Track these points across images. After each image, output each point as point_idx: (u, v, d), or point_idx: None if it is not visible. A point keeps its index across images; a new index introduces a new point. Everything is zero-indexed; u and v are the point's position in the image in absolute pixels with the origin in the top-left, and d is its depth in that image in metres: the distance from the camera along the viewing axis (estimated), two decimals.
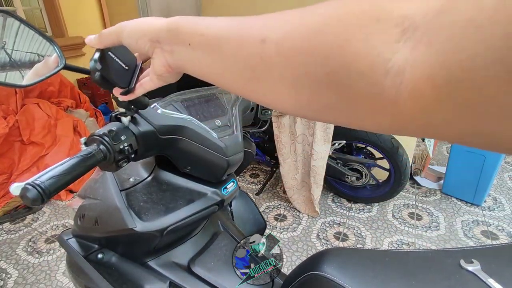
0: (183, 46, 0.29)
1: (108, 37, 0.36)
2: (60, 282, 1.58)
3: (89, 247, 0.65)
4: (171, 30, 0.30)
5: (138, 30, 0.33)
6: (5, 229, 1.97)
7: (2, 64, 0.40)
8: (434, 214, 1.99)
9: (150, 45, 0.32)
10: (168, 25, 0.31)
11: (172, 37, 0.30)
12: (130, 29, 0.34)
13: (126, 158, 0.47)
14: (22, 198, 0.34)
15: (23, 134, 2.23)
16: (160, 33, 0.31)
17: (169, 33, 0.30)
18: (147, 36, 0.32)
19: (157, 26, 0.31)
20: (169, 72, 0.33)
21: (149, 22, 0.32)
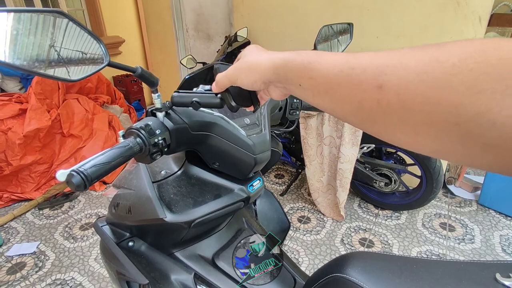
0: (294, 86, 0.32)
1: (224, 84, 0.41)
2: (92, 267, 1.67)
3: (121, 234, 0.69)
4: (279, 73, 0.33)
5: (250, 77, 0.36)
6: (45, 214, 2.12)
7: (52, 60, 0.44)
8: (468, 226, 1.88)
9: (264, 86, 0.37)
10: (275, 67, 0.33)
11: (282, 79, 0.33)
12: (243, 77, 0.37)
13: (160, 151, 0.49)
14: (67, 184, 0.37)
15: (64, 127, 2.39)
16: (269, 76, 0.34)
17: (278, 76, 0.33)
18: (259, 81, 0.36)
19: (266, 68, 0.34)
20: (286, 96, 0.39)
21: (257, 65, 0.35)
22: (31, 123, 2.17)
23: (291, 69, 0.31)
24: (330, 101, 0.28)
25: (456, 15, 1.77)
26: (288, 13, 2.34)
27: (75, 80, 0.43)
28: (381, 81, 0.23)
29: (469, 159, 0.21)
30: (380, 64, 0.24)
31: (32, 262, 1.71)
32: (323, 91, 0.28)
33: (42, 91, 2.32)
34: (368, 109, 0.25)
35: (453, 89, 0.19)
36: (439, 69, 0.20)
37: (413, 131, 0.23)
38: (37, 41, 0.42)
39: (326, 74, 0.28)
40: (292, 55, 0.31)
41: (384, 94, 0.23)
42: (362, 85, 0.25)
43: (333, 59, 0.28)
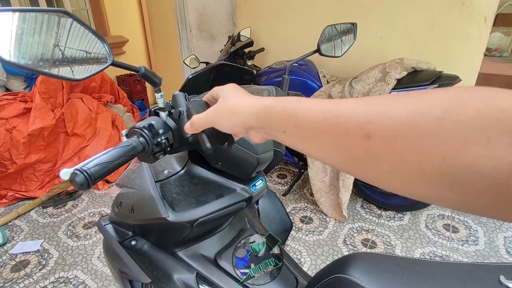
0: (277, 132, 0.31)
1: (201, 127, 0.40)
2: (95, 265, 1.68)
3: (124, 233, 0.69)
4: (261, 120, 0.32)
5: (230, 121, 0.36)
6: (48, 213, 2.14)
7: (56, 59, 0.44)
8: (472, 227, 1.87)
9: (244, 131, 0.36)
10: (256, 114, 0.33)
11: (264, 126, 0.32)
12: (222, 121, 0.36)
13: (163, 151, 0.49)
14: (71, 182, 0.38)
15: (68, 126, 2.41)
16: (251, 122, 0.33)
17: (260, 122, 0.33)
18: (239, 126, 0.35)
19: (246, 113, 0.34)
20: (266, 140, 0.37)
21: (236, 109, 0.35)
22: (36, 122, 2.19)
23: (274, 116, 0.31)
24: (317, 148, 0.28)
25: (461, 15, 1.76)
26: (292, 13, 2.34)
27: (79, 79, 0.43)
28: (367, 130, 0.23)
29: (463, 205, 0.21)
30: (364, 112, 0.24)
31: (36, 260, 1.73)
32: (309, 138, 0.28)
33: (46, 90, 2.34)
34: (357, 157, 0.25)
35: (440, 140, 0.20)
36: (424, 120, 0.21)
37: (406, 179, 0.23)
38: (42, 40, 0.42)
39: (311, 122, 0.27)
40: (274, 102, 0.31)
41: (372, 143, 0.23)
42: (348, 133, 0.25)
43: (317, 105, 0.28)
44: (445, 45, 1.86)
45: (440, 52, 1.89)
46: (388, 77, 1.64)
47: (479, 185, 0.19)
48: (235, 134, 0.43)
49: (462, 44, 1.82)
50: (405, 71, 1.64)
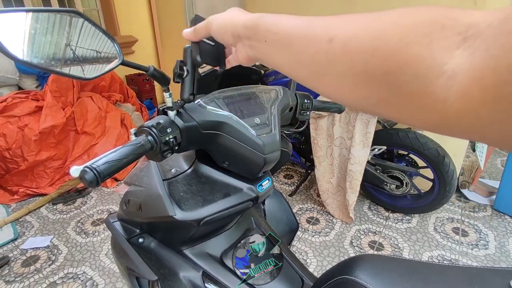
0: (260, 43, 0.34)
1: (201, 31, 0.43)
2: (102, 262, 1.70)
3: (131, 231, 0.70)
4: (249, 27, 0.35)
5: (223, 26, 0.39)
6: (58, 209, 2.18)
7: (68, 59, 0.45)
8: (482, 231, 1.83)
9: (232, 40, 0.38)
10: (246, 22, 0.36)
11: (251, 34, 0.35)
12: (217, 24, 0.40)
13: (171, 150, 0.50)
14: (80, 179, 0.38)
15: (78, 124, 2.45)
16: (240, 29, 0.36)
17: (247, 30, 0.35)
18: (229, 31, 0.38)
19: (238, 22, 0.37)
20: (249, 62, 0.40)
21: (231, 18, 0.38)
22: (47, 120, 2.23)
23: (261, 25, 0.34)
24: (289, 54, 0.31)
25: None
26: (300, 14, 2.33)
27: (89, 79, 0.44)
28: (332, 35, 0.26)
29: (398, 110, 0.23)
30: (333, 21, 0.27)
31: (46, 256, 1.76)
32: (285, 44, 0.31)
33: (57, 89, 2.38)
34: (318, 61, 0.27)
35: (387, 40, 0.22)
36: (379, 23, 0.23)
37: (353, 81, 0.25)
38: (54, 40, 0.43)
39: (289, 30, 0.30)
40: (265, 14, 0.35)
41: (332, 46, 0.26)
42: (316, 37, 0.27)
43: (298, 19, 0.31)
44: None
45: None
46: None
47: (412, 85, 0.21)
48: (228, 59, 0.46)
49: None
50: None
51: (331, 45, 0.26)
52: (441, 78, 0.19)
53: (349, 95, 0.27)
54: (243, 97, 0.67)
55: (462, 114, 0.19)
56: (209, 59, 0.46)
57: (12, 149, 2.17)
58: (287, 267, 0.71)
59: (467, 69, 0.18)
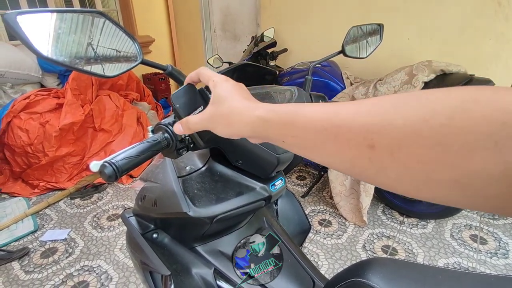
0: (277, 143, 0.31)
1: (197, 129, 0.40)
2: (117, 256, 1.75)
3: (146, 226, 0.72)
4: (259, 132, 0.32)
5: (228, 130, 0.35)
6: (76, 204, 2.24)
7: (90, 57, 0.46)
8: (502, 240, 1.77)
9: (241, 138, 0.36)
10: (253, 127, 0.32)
11: (262, 136, 0.32)
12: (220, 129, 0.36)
13: (186, 147, 0.51)
14: (100, 174, 0.40)
15: (96, 121, 2.51)
16: (248, 133, 0.33)
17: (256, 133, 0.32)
18: (235, 136, 0.35)
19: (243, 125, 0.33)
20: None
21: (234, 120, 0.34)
22: (67, 117, 2.30)
23: (271, 129, 0.30)
24: (319, 156, 0.28)
25: (496, 16, 1.67)
26: (316, 14, 2.32)
27: (110, 76, 0.45)
28: (371, 141, 0.23)
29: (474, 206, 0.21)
30: (366, 122, 0.23)
31: (63, 248, 1.82)
32: (310, 147, 0.28)
33: (77, 87, 2.46)
34: (361, 166, 0.24)
35: (446, 149, 0.19)
36: (428, 130, 0.20)
37: (413, 186, 0.22)
38: (77, 39, 0.45)
39: (310, 132, 0.27)
40: (270, 115, 0.30)
41: (376, 153, 0.23)
42: (350, 144, 0.24)
43: (315, 115, 0.27)
44: (478, 47, 1.78)
45: (472, 55, 1.80)
46: (415, 80, 1.58)
47: (490, 189, 0.18)
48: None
49: (496, 46, 1.73)
50: (433, 74, 1.58)
51: (374, 152, 0.23)
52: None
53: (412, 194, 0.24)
54: (258, 97, 0.67)
55: None
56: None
57: (34, 145, 2.25)
58: (298, 267, 0.71)
59: None
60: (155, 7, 4.00)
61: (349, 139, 0.24)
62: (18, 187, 2.35)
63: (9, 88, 2.48)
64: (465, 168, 0.19)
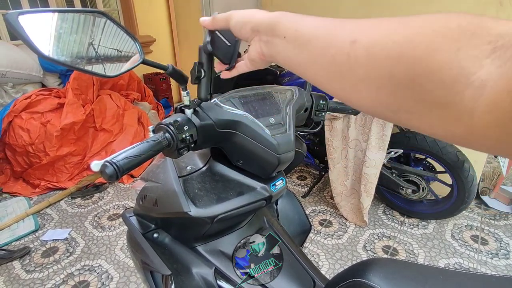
0: (278, 38, 0.34)
1: (220, 22, 0.42)
2: (117, 256, 1.75)
3: (147, 226, 0.72)
4: (271, 23, 0.35)
5: (244, 19, 0.38)
6: (77, 203, 2.25)
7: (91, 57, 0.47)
8: (503, 240, 1.77)
9: (251, 33, 0.38)
10: (269, 19, 0.35)
11: (271, 30, 0.35)
12: (238, 17, 0.39)
13: (187, 147, 0.51)
14: (101, 173, 0.40)
15: (97, 121, 2.52)
16: (261, 24, 0.36)
17: (269, 26, 0.35)
18: (249, 25, 0.37)
19: (260, 18, 0.36)
20: (261, 59, 0.39)
21: (253, 14, 0.38)
22: (68, 116, 2.30)
23: (282, 22, 0.33)
24: (307, 53, 0.30)
25: (498, 16, 1.67)
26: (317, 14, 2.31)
27: (112, 76, 0.46)
28: (354, 37, 0.25)
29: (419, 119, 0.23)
30: (357, 24, 0.27)
31: (64, 248, 1.82)
32: (304, 42, 0.30)
33: (78, 87, 2.46)
34: (339, 62, 0.27)
35: (414, 46, 0.21)
36: (406, 28, 0.23)
37: (375, 85, 0.24)
38: (78, 39, 0.45)
39: (310, 28, 0.30)
40: (287, 13, 0.34)
41: (354, 48, 0.25)
42: (338, 38, 0.27)
43: (320, 19, 0.31)
44: None
45: None
46: None
47: (438, 93, 0.20)
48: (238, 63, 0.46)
49: None
50: None
51: (353, 47, 0.25)
52: (469, 88, 0.18)
53: (368, 101, 0.26)
54: (259, 97, 0.67)
55: (489, 127, 0.18)
56: (220, 53, 0.46)
57: (35, 144, 2.25)
58: (299, 268, 0.71)
59: (497, 79, 0.17)
60: (156, 7, 4.00)
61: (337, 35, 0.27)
62: (19, 187, 2.36)
63: (10, 87, 2.48)
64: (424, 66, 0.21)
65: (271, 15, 0.35)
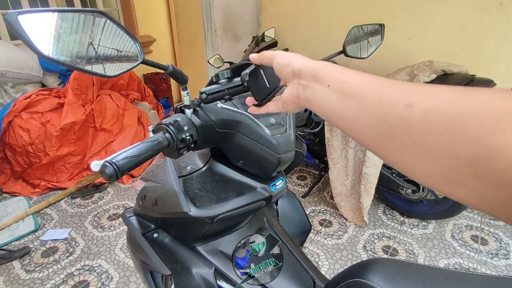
0: (321, 85, 0.33)
1: (265, 58, 0.42)
2: (117, 256, 1.75)
3: (147, 226, 0.72)
4: (314, 70, 0.34)
5: (287, 61, 0.38)
6: (76, 203, 2.25)
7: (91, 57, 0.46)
8: (503, 240, 1.77)
9: (291, 75, 0.37)
10: (313, 65, 0.35)
11: (313, 76, 0.34)
12: (281, 57, 0.40)
13: (187, 147, 0.51)
14: (101, 174, 0.39)
15: (96, 121, 2.52)
16: (304, 69, 0.36)
17: (312, 72, 0.35)
18: (291, 67, 0.37)
19: (303, 63, 0.36)
20: (294, 103, 0.38)
21: (297, 58, 0.38)
22: (68, 116, 2.30)
23: (329, 69, 0.33)
24: (354, 107, 0.29)
25: (498, 16, 1.67)
26: (317, 14, 2.32)
27: (112, 76, 0.45)
28: (411, 100, 0.24)
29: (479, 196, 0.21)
30: (413, 88, 0.25)
31: (64, 248, 1.82)
32: (351, 94, 0.29)
33: (78, 87, 2.46)
34: (390, 122, 0.25)
35: (479, 121, 0.20)
36: (469, 101, 0.22)
37: (430, 156, 0.23)
38: (78, 38, 0.45)
39: (360, 81, 0.29)
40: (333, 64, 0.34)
41: (410, 112, 0.24)
42: (391, 98, 0.26)
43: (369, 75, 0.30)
44: (479, 47, 1.77)
45: (474, 55, 1.80)
46: (416, 80, 1.58)
47: (504, 174, 0.19)
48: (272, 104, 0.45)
49: (498, 46, 1.72)
50: (434, 74, 1.58)
51: (410, 110, 0.24)
52: None
53: (421, 169, 0.25)
54: None
55: None
56: (255, 89, 0.46)
57: (35, 144, 2.25)
58: (299, 268, 0.71)
59: None
60: (156, 7, 4.00)
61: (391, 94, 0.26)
62: (19, 187, 2.36)
63: (10, 87, 2.48)
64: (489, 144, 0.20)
65: (316, 62, 0.35)
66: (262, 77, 0.46)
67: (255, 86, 0.46)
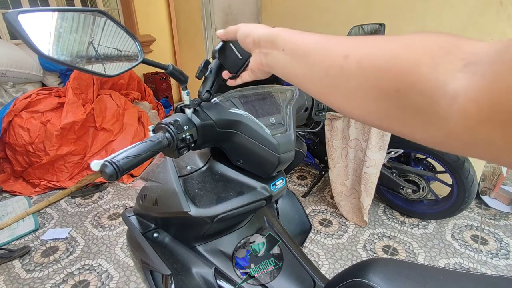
0: (277, 51, 0.37)
1: (230, 33, 0.47)
2: (117, 255, 1.75)
3: (147, 225, 0.72)
4: (271, 37, 0.38)
5: (247, 32, 0.43)
6: (77, 203, 2.25)
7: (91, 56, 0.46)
8: (503, 240, 1.77)
9: (252, 45, 0.42)
10: (269, 33, 0.39)
11: (270, 43, 0.38)
12: (243, 29, 0.44)
13: (187, 147, 0.51)
14: (101, 173, 0.39)
15: (97, 120, 2.52)
16: (262, 37, 0.40)
17: (269, 39, 0.39)
18: (251, 37, 0.42)
19: (261, 32, 0.40)
20: (260, 70, 0.43)
21: (256, 28, 0.42)
22: (68, 116, 2.30)
23: (281, 36, 0.37)
24: (304, 65, 0.33)
25: (498, 16, 1.66)
26: (317, 13, 2.31)
27: (112, 76, 0.45)
28: (348, 52, 0.28)
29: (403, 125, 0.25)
30: (349, 40, 0.30)
31: (64, 247, 1.82)
32: (301, 55, 0.33)
33: (78, 86, 2.46)
34: (333, 74, 0.29)
35: (400, 60, 0.24)
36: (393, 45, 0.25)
37: (365, 95, 0.27)
38: (78, 38, 0.45)
39: (308, 42, 0.33)
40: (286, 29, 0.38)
41: (347, 62, 0.28)
42: (332, 53, 0.30)
43: (316, 35, 0.34)
44: None
45: None
46: None
47: (420, 102, 0.23)
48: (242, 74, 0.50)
49: None
50: None
51: (346, 60, 0.28)
52: (444, 97, 0.21)
53: (358, 109, 0.29)
54: (259, 96, 0.67)
55: (462, 131, 0.21)
56: (228, 62, 0.50)
57: (35, 144, 2.25)
58: (299, 267, 0.71)
59: (466, 90, 0.20)
60: (156, 6, 4.00)
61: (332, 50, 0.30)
62: (19, 186, 2.36)
63: (10, 87, 2.48)
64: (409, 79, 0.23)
65: (272, 29, 0.39)
66: (233, 50, 0.49)
67: (227, 60, 0.50)
